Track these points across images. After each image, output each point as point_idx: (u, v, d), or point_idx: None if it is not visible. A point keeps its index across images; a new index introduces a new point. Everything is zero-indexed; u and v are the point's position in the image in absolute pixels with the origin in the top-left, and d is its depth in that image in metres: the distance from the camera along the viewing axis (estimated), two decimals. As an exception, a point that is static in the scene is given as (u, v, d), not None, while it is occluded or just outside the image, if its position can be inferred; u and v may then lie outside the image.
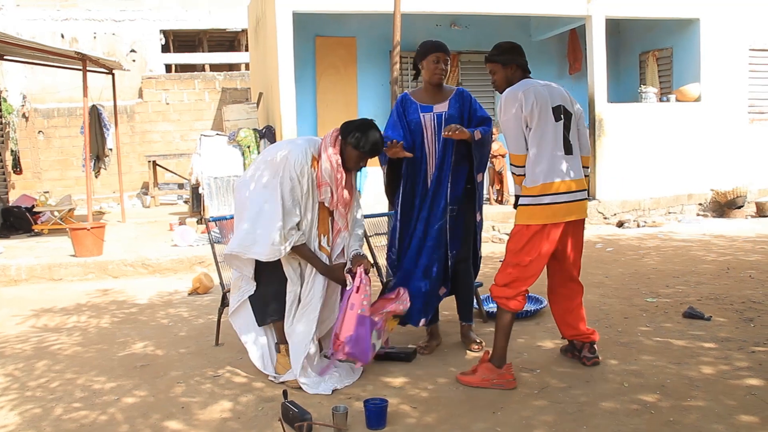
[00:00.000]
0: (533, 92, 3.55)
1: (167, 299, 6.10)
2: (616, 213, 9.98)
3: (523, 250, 3.56)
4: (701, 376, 3.60)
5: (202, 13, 17.87)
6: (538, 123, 3.53)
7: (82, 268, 7.24)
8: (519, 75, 3.71)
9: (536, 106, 3.52)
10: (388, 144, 3.94)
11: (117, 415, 3.42)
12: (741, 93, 10.75)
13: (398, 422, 3.17)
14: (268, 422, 3.23)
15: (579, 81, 11.57)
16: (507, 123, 3.59)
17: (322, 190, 3.69)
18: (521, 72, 3.72)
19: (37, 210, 9.88)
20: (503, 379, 3.55)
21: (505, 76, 3.71)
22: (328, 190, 3.68)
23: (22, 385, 3.92)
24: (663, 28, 11.13)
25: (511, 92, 3.60)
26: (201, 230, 8.69)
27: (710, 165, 10.48)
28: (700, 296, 5.31)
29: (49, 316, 5.61)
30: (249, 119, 10.27)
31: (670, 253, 7.33)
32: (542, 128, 3.53)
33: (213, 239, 4.76)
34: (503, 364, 3.59)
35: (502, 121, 3.62)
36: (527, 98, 3.53)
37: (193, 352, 4.42)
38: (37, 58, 9.98)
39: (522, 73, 3.72)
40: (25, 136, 14.61)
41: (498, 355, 3.60)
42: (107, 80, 11.17)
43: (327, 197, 3.70)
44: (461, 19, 11.25)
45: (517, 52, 3.72)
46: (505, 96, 3.61)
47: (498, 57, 3.71)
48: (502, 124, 3.64)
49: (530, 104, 3.52)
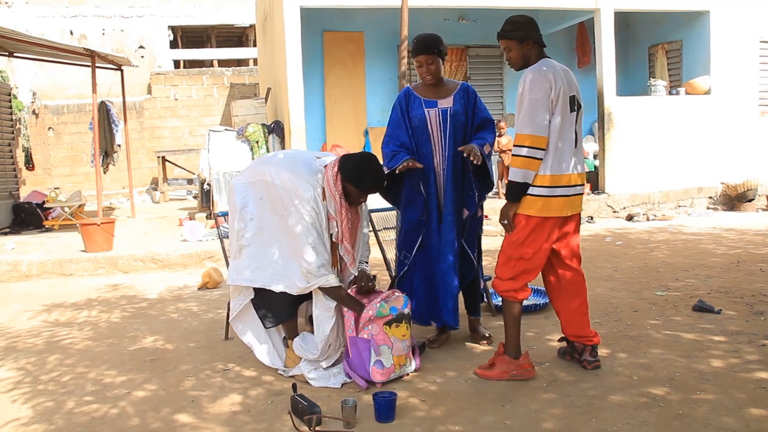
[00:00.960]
0: (560, 77, 3.41)
1: (177, 294, 6.14)
2: (625, 206, 9.95)
3: (525, 243, 3.48)
4: (711, 370, 3.59)
5: (210, 9, 17.90)
6: (559, 111, 3.40)
7: (92, 263, 7.29)
8: (536, 51, 3.52)
9: (561, 93, 3.39)
10: (403, 164, 3.89)
11: (128, 408, 3.44)
12: (751, 85, 10.69)
13: (407, 415, 3.18)
14: (277, 415, 3.25)
15: (588, 74, 11.53)
16: (536, 102, 3.35)
17: (330, 225, 3.64)
18: (538, 48, 3.52)
19: (48, 206, 9.96)
20: (522, 369, 3.53)
21: (521, 53, 3.52)
22: (334, 224, 3.63)
23: (34, 378, 3.96)
24: (672, 21, 11.06)
25: (539, 72, 3.39)
26: (210, 225, 8.73)
27: (720, 158, 10.42)
28: (710, 289, 5.29)
29: (60, 311, 5.65)
30: (257, 114, 10.29)
31: (680, 246, 7.30)
32: (560, 117, 3.41)
33: (222, 234, 4.78)
34: (519, 355, 3.56)
35: (531, 99, 3.36)
36: (557, 82, 3.38)
37: (202, 346, 4.44)
38: (46, 55, 10.03)
39: (539, 49, 3.53)
40: (35, 132, 14.70)
41: (513, 346, 3.57)
42: (116, 76, 11.21)
43: (335, 231, 3.64)
44: (469, 13, 11.22)
45: (532, 27, 3.52)
46: (532, 75, 3.39)
47: (513, 33, 3.51)
48: (530, 103, 3.37)
49: (558, 89, 3.38)
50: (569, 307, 3.71)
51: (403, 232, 4.13)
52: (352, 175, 3.54)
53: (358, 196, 3.62)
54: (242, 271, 3.75)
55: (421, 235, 4.04)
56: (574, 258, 3.68)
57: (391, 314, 3.54)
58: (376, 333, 3.51)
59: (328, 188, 3.59)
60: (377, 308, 3.49)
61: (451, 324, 4.08)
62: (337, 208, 3.59)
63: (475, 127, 4.08)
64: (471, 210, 4.06)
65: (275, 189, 3.63)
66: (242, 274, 3.75)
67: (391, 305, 3.56)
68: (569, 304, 3.70)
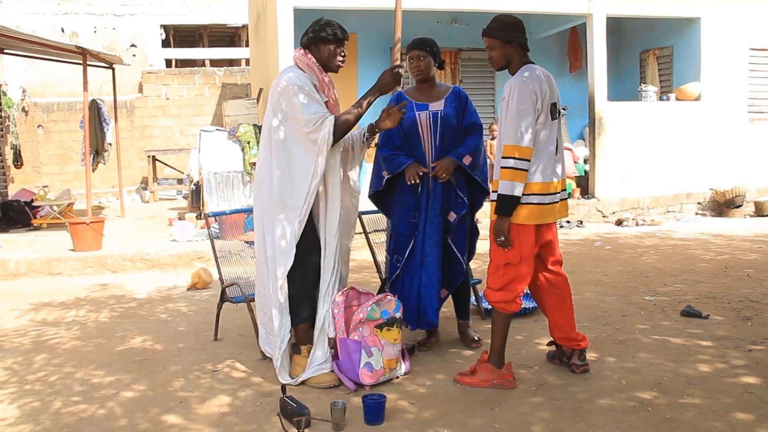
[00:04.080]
0: (545, 86, 3.42)
1: (166, 294, 6.11)
2: (615, 211, 9.99)
3: (512, 248, 3.46)
4: (698, 374, 3.61)
5: (202, 9, 17.86)
6: (542, 120, 3.42)
7: (81, 262, 7.25)
8: (519, 54, 3.52)
9: (545, 102, 3.41)
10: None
11: (116, 409, 3.42)
12: (741, 92, 10.75)
13: (396, 418, 3.18)
14: (266, 417, 3.24)
15: (579, 79, 11.58)
16: (524, 112, 3.34)
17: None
18: (521, 51, 3.52)
19: (37, 204, 9.89)
20: (503, 379, 3.52)
21: (503, 54, 3.52)
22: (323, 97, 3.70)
23: (21, 378, 3.93)
24: (664, 27, 11.13)
25: (524, 82, 3.38)
26: (200, 225, 8.69)
27: (709, 164, 10.48)
28: (698, 295, 5.32)
29: (48, 310, 5.62)
30: (249, 115, 10.27)
31: (669, 251, 7.34)
32: (543, 126, 3.43)
33: (212, 234, 4.76)
34: (503, 364, 3.56)
35: (518, 110, 3.34)
36: (542, 91, 3.39)
37: (191, 347, 4.43)
38: (37, 52, 9.97)
39: (522, 53, 3.52)
40: (25, 130, 14.61)
41: (497, 355, 3.57)
42: (107, 75, 11.17)
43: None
44: (462, 16, 11.24)
45: (518, 29, 3.50)
46: (519, 85, 3.38)
47: (498, 33, 3.49)
48: (516, 113, 3.34)
49: (543, 98, 3.39)
50: (556, 310, 3.73)
51: (395, 235, 4.13)
52: (315, 34, 3.63)
53: (335, 49, 3.66)
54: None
55: (413, 238, 4.04)
56: (557, 263, 3.72)
57: (383, 318, 3.54)
58: (367, 335, 3.51)
59: (310, 69, 3.65)
60: (368, 311, 3.49)
61: (432, 321, 4.04)
62: (320, 78, 3.67)
63: (463, 130, 4.10)
64: (458, 213, 4.06)
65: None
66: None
67: (383, 309, 3.56)
68: (555, 307, 3.72)
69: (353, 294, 3.69)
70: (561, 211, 3.63)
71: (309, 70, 3.67)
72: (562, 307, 3.72)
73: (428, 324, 4.08)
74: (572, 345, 3.72)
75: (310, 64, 3.67)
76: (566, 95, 9.99)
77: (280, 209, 3.58)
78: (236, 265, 4.87)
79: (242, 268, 4.82)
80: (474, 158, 4.03)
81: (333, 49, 3.66)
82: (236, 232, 7.38)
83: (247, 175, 9.03)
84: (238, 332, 4.69)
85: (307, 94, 3.55)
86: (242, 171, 9.07)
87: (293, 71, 3.64)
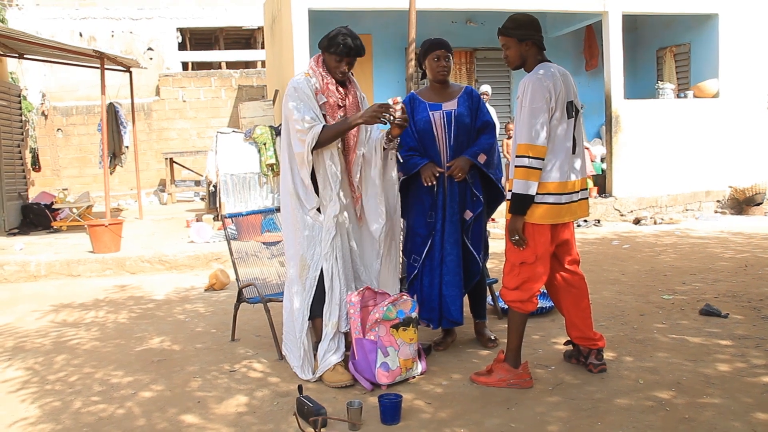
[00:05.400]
0: (559, 84, 3.40)
1: (184, 295, 6.16)
2: (632, 210, 9.92)
3: (527, 247, 3.46)
4: (717, 374, 3.58)
5: (218, 11, 17.97)
6: (557, 118, 3.40)
7: (100, 264, 7.32)
8: (534, 53, 3.50)
9: (560, 100, 3.39)
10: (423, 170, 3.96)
11: (134, 408, 3.46)
12: (760, 89, 10.64)
13: (412, 417, 3.18)
14: (283, 417, 3.26)
15: (595, 77, 11.51)
16: (537, 111, 3.32)
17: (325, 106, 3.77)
18: (536, 49, 3.50)
19: (56, 207, 10.01)
20: (520, 378, 3.51)
21: (519, 53, 3.51)
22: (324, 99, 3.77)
23: (42, 378, 3.98)
24: (681, 24, 11.03)
25: (539, 80, 3.36)
26: (217, 227, 8.75)
27: (728, 161, 10.38)
28: (717, 293, 5.27)
29: (68, 312, 5.68)
30: (265, 116, 10.33)
31: (687, 250, 7.28)
32: (558, 124, 3.41)
33: (229, 236, 4.79)
34: (519, 364, 3.55)
35: (531, 109, 3.33)
36: (556, 89, 3.37)
37: (209, 348, 4.46)
38: (56, 57, 10.10)
39: (537, 51, 3.50)
40: (45, 134, 14.78)
41: (513, 355, 3.55)
42: (125, 78, 11.27)
43: (339, 117, 3.78)
44: (477, 15, 11.23)
45: (534, 28, 3.48)
46: (532, 83, 3.36)
47: (514, 31, 3.48)
48: (529, 112, 3.33)
49: (557, 97, 3.37)
50: (573, 310, 3.71)
51: (412, 236, 4.13)
52: (326, 42, 3.71)
53: (337, 63, 3.72)
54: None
55: (430, 238, 4.04)
56: (574, 262, 3.71)
57: (398, 318, 3.54)
58: (384, 335, 3.52)
59: (315, 74, 3.75)
60: (384, 311, 3.50)
61: (457, 319, 4.04)
62: (324, 84, 3.73)
63: (476, 129, 4.10)
64: (474, 212, 4.06)
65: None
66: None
67: (399, 309, 3.55)
68: (572, 306, 3.71)
69: (369, 294, 3.69)
70: (581, 210, 3.59)
71: (313, 73, 3.78)
72: (579, 306, 3.70)
73: (453, 323, 4.08)
74: (589, 344, 3.70)
75: (314, 67, 3.79)
76: (582, 94, 9.84)
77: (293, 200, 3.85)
78: (253, 266, 4.89)
79: (259, 268, 4.85)
80: (489, 156, 4.04)
81: (336, 61, 3.73)
82: (253, 233, 7.39)
83: (264, 176, 9.07)
84: (255, 333, 4.71)
85: (301, 99, 3.69)
86: (259, 172, 9.11)
87: (299, 75, 3.80)
